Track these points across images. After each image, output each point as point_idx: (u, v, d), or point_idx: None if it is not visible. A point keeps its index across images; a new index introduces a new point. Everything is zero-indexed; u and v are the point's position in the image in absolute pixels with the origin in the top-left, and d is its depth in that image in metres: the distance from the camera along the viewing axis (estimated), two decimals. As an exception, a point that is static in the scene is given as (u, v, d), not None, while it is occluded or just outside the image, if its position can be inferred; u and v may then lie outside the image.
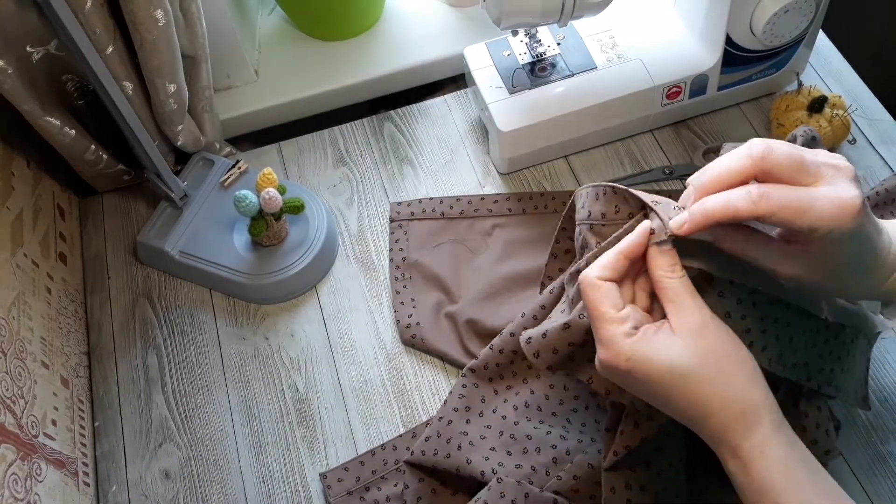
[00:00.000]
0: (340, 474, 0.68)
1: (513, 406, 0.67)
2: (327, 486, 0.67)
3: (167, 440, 0.72)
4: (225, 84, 0.91)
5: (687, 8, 0.82)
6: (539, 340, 0.52)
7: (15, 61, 0.66)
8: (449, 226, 0.81)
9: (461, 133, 0.88)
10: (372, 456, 0.69)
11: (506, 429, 0.66)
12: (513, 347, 0.67)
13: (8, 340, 0.63)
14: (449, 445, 0.64)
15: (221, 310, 0.78)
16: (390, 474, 0.67)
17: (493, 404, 0.67)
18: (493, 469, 0.62)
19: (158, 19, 0.67)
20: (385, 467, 0.68)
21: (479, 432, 0.66)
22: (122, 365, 0.76)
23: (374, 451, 0.69)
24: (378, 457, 0.68)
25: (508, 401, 0.68)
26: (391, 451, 0.69)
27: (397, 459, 0.68)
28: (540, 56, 0.82)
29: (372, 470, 0.68)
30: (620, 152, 0.85)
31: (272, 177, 0.74)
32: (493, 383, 0.68)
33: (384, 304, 0.77)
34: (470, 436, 0.65)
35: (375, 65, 0.93)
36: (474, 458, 0.63)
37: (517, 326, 0.66)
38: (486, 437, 0.65)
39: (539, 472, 0.62)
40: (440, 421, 0.67)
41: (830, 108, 0.79)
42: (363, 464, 0.68)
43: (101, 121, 0.78)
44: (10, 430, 0.59)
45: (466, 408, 0.67)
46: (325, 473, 0.68)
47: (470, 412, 0.67)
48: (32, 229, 0.74)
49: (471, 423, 0.66)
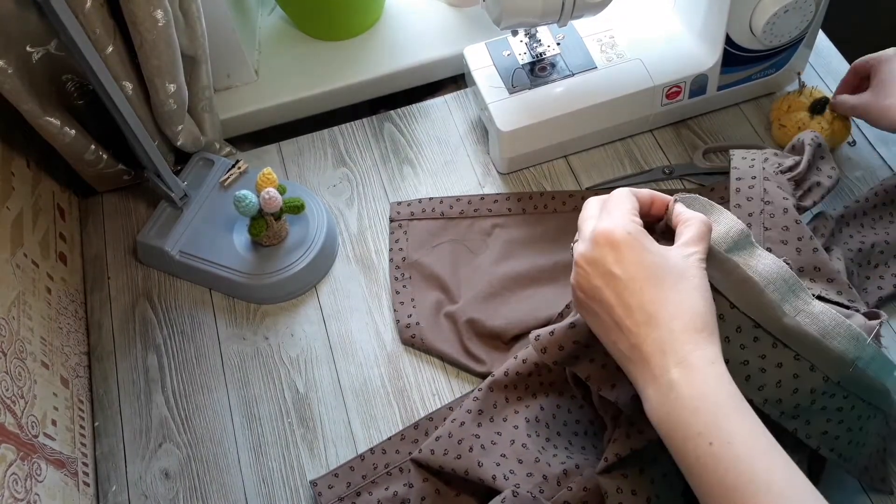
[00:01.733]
0: (331, 481, 0.67)
1: (524, 418, 0.67)
2: (318, 494, 0.66)
3: (167, 440, 0.72)
4: (225, 84, 0.91)
5: (686, 8, 0.82)
6: (547, 338, 0.55)
7: (15, 61, 0.66)
8: (449, 226, 0.81)
9: (461, 133, 0.88)
10: (361, 461, 0.68)
11: (517, 438, 0.65)
12: (536, 359, 0.67)
13: (8, 340, 0.63)
14: (460, 447, 0.64)
15: (221, 310, 0.78)
16: (381, 478, 0.67)
17: (503, 412, 0.67)
18: (504, 475, 0.62)
19: (158, 19, 0.67)
20: (375, 471, 0.67)
21: (490, 437, 0.65)
22: (122, 365, 0.76)
23: (364, 455, 0.68)
24: (368, 461, 0.68)
25: (519, 413, 0.67)
26: (381, 454, 0.68)
27: (387, 463, 0.67)
28: (540, 56, 0.82)
29: (362, 475, 0.67)
30: (620, 152, 0.86)
31: (272, 177, 0.74)
32: (507, 391, 0.68)
33: (384, 304, 0.77)
34: (482, 439, 0.65)
35: (375, 65, 0.93)
36: (486, 462, 0.63)
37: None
38: (497, 444, 0.65)
39: (550, 481, 0.61)
40: (453, 422, 0.66)
41: (831, 111, 0.79)
42: (353, 469, 0.68)
43: (101, 121, 0.78)
44: (10, 430, 0.59)
45: (479, 411, 0.67)
46: (316, 481, 0.67)
47: (482, 416, 0.66)
48: (32, 229, 0.74)
49: (482, 426, 0.66)
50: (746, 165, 0.67)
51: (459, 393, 0.72)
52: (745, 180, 0.66)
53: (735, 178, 0.66)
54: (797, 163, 0.67)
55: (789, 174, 0.66)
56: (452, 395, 0.72)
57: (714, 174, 0.82)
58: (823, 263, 0.61)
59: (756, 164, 0.67)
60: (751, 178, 0.66)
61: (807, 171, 0.67)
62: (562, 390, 0.68)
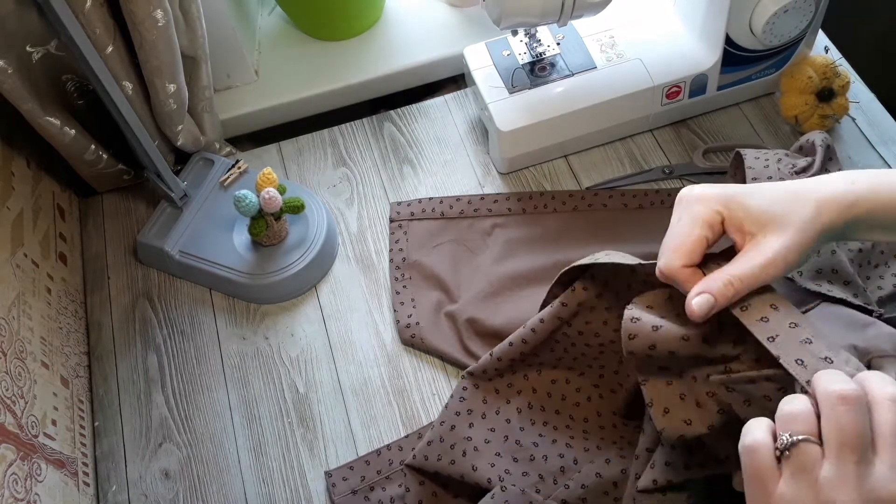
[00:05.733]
0: (345, 473, 0.68)
1: (516, 408, 0.66)
2: (332, 485, 0.67)
3: (167, 440, 0.72)
4: (225, 84, 0.91)
5: (686, 8, 0.82)
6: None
7: (15, 61, 0.66)
8: (449, 226, 0.81)
9: (461, 133, 0.88)
10: (378, 456, 0.68)
11: (511, 433, 0.65)
12: (512, 356, 0.67)
13: (8, 340, 0.63)
14: (453, 451, 0.64)
15: (221, 310, 0.78)
16: (395, 474, 0.67)
17: (495, 405, 0.67)
18: (499, 476, 0.62)
19: (158, 19, 0.67)
20: (391, 467, 0.67)
21: (483, 436, 0.65)
22: (122, 365, 0.76)
23: (380, 450, 0.69)
24: (384, 457, 0.68)
25: (511, 401, 0.67)
26: (397, 451, 0.68)
27: (402, 460, 0.67)
28: (540, 56, 0.82)
29: (377, 470, 0.67)
30: (620, 152, 0.86)
31: (272, 177, 0.74)
32: (494, 382, 0.68)
33: (384, 304, 0.77)
34: (474, 441, 0.65)
35: (375, 65, 0.93)
36: (480, 465, 0.63)
37: (517, 338, 0.66)
38: (491, 442, 0.65)
39: (547, 480, 0.61)
40: (442, 425, 0.66)
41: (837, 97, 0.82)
42: (368, 463, 0.68)
43: (101, 121, 0.78)
44: (10, 430, 0.59)
45: (468, 411, 0.67)
46: (331, 472, 0.68)
47: (472, 415, 0.66)
48: (32, 229, 0.74)
49: (474, 426, 0.66)
50: (761, 165, 0.67)
51: (459, 393, 0.72)
52: (762, 180, 0.65)
53: (751, 178, 0.66)
54: (810, 164, 0.68)
55: (803, 175, 0.67)
56: (452, 394, 0.72)
57: (714, 174, 0.82)
58: (841, 266, 0.61)
59: (771, 163, 0.67)
60: (767, 179, 0.65)
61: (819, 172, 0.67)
62: (555, 365, 0.68)
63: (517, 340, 0.66)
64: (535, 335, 0.65)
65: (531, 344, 0.65)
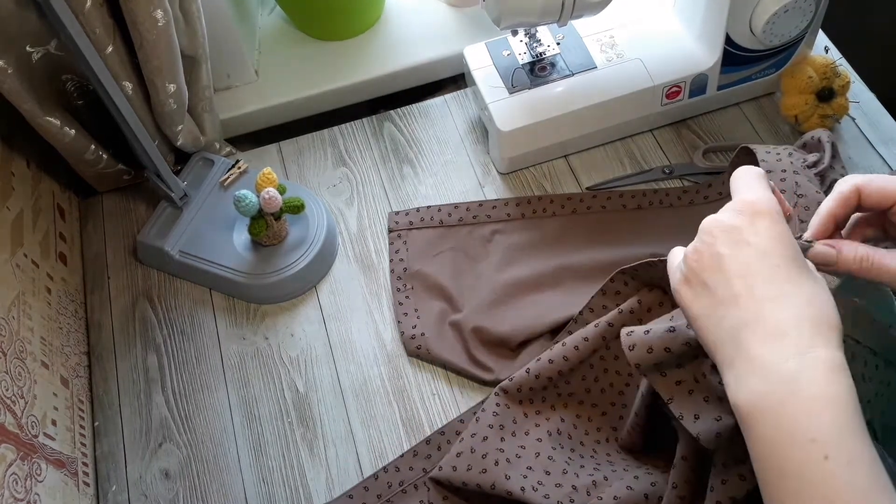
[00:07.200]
0: (345, 503, 0.66)
1: (546, 431, 0.66)
2: None
3: (167, 440, 0.72)
4: (225, 84, 0.91)
5: (686, 8, 0.82)
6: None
7: (15, 61, 0.66)
8: (448, 233, 0.80)
9: (461, 133, 0.88)
10: (375, 480, 0.67)
11: (542, 450, 0.64)
12: (549, 374, 0.66)
13: (8, 340, 0.63)
14: (485, 461, 0.63)
15: (221, 310, 0.78)
16: (396, 496, 0.66)
17: (524, 426, 0.66)
18: (532, 486, 0.61)
19: (158, 19, 0.67)
20: (390, 490, 0.66)
21: (514, 451, 0.64)
22: (122, 365, 0.76)
23: (378, 474, 0.67)
24: (382, 480, 0.67)
25: (540, 426, 0.66)
26: (394, 472, 0.67)
27: (402, 480, 0.67)
28: (540, 56, 0.82)
29: (377, 494, 0.66)
30: (620, 152, 0.86)
31: (272, 177, 0.74)
32: (524, 406, 0.67)
33: (384, 304, 0.77)
34: (506, 453, 0.64)
35: (375, 65, 0.93)
36: (513, 475, 0.62)
37: (556, 355, 0.66)
38: (522, 457, 0.64)
39: (580, 491, 0.60)
40: (473, 437, 0.65)
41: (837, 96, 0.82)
42: (367, 489, 0.67)
43: (101, 121, 0.78)
44: (10, 430, 0.59)
45: (501, 426, 0.66)
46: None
47: (504, 430, 0.66)
48: (32, 229, 0.74)
49: (505, 440, 0.65)
50: (774, 159, 0.67)
51: (459, 393, 0.72)
52: (776, 174, 0.65)
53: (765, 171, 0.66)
54: (819, 159, 0.68)
55: (814, 169, 0.67)
56: (452, 395, 0.72)
57: (714, 174, 0.82)
58: None
59: (783, 158, 0.67)
60: (781, 172, 0.65)
61: (828, 168, 0.68)
62: (582, 400, 0.68)
63: (558, 358, 0.66)
64: (577, 353, 0.65)
65: (572, 362, 0.66)
